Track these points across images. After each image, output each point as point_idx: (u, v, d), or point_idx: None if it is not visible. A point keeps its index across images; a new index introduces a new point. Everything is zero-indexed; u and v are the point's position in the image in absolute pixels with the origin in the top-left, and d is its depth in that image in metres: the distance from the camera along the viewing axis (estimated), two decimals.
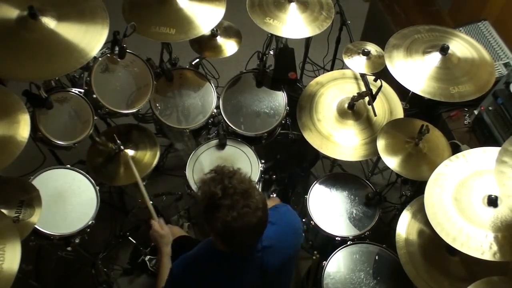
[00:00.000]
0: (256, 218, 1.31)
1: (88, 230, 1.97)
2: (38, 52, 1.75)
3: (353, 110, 2.21)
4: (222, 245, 1.40)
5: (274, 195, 2.34)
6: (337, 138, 2.17)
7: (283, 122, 2.35)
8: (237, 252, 1.43)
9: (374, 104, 2.09)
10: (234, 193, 1.28)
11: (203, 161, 2.25)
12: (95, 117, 2.03)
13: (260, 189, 2.27)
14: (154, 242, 1.81)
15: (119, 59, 2.05)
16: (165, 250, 1.75)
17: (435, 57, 1.98)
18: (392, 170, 1.96)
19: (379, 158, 2.13)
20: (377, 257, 2.00)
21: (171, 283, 1.51)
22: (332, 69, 2.84)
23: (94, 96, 1.99)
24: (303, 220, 2.22)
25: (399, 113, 2.24)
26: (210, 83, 2.36)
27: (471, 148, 1.83)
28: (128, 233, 2.50)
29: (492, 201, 1.59)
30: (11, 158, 1.59)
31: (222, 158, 2.26)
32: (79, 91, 2.03)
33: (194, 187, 2.17)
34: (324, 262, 1.97)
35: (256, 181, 2.17)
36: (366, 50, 2.14)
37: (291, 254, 1.57)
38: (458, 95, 1.89)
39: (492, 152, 1.70)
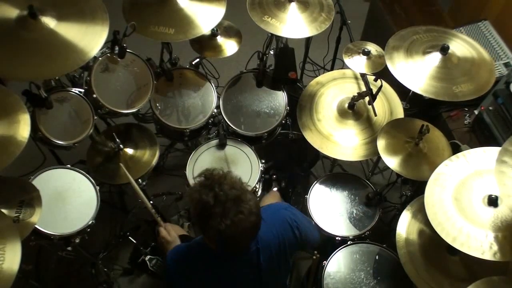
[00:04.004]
0: (250, 224, 1.30)
1: (88, 230, 1.97)
2: (38, 52, 1.75)
3: (353, 110, 2.21)
4: (215, 248, 1.39)
5: (275, 189, 2.33)
6: (337, 138, 2.17)
7: (283, 122, 2.34)
8: (230, 252, 1.42)
9: (374, 104, 2.09)
10: (226, 200, 1.26)
11: (203, 161, 2.25)
12: (95, 117, 2.03)
13: (260, 190, 2.27)
14: (162, 248, 1.78)
15: (119, 59, 2.04)
16: None
17: (435, 57, 1.98)
18: (392, 170, 1.96)
19: (379, 158, 2.13)
20: (377, 257, 2.00)
21: (166, 272, 1.52)
22: (332, 69, 2.85)
23: (94, 96, 1.99)
24: None
25: (399, 113, 2.24)
26: (210, 83, 2.36)
27: (471, 148, 1.83)
28: (128, 233, 2.50)
29: (492, 201, 1.58)
30: (11, 158, 1.59)
31: (222, 158, 2.26)
32: (79, 91, 2.02)
33: None
34: (324, 262, 1.97)
35: (256, 181, 2.17)
36: (366, 50, 2.14)
37: (284, 250, 1.57)
38: (461, 94, 1.89)
39: (492, 152, 1.70)
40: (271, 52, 2.43)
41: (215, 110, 2.31)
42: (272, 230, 1.51)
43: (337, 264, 1.98)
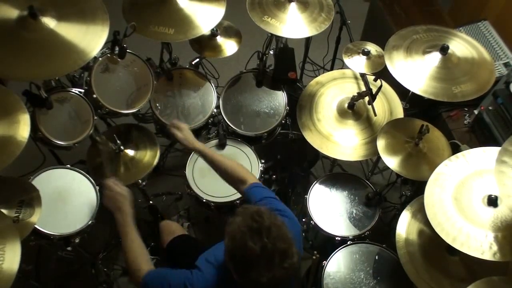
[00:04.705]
0: (289, 277, 1.24)
1: (88, 230, 1.97)
2: (38, 52, 1.75)
3: (353, 110, 2.21)
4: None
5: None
6: (337, 138, 2.17)
7: (283, 122, 2.34)
8: None
9: (374, 104, 2.09)
10: (273, 253, 1.19)
11: (203, 161, 2.24)
12: (95, 117, 2.03)
13: None
14: (109, 204, 1.60)
15: (119, 59, 2.04)
16: (127, 210, 1.58)
17: (435, 57, 1.98)
18: (392, 170, 1.96)
19: (379, 158, 2.13)
20: (377, 257, 2.00)
21: None
22: (332, 69, 2.85)
23: (94, 96, 1.99)
24: (303, 220, 2.22)
25: (399, 113, 2.24)
26: (210, 83, 2.36)
27: (471, 148, 1.83)
28: None
29: (492, 201, 1.59)
30: (11, 158, 1.59)
31: None
32: (79, 91, 2.02)
33: (194, 187, 2.17)
34: (324, 262, 1.97)
35: None
36: (366, 50, 2.14)
37: (300, 252, 1.55)
38: (460, 95, 1.89)
39: (492, 152, 1.70)
40: (271, 52, 2.43)
41: (215, 110, 2.31)
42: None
43: (337, 264, 1.98)
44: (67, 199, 1.97)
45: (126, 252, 1.51)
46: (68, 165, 2.08)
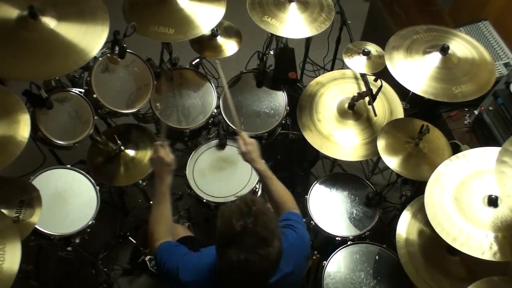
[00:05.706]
0: (261, 271, 1.24)
1: (88, 230, 1.97)
2: (38, 52, 1.75)
3: (353, 110, 2.21)
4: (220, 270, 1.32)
5: None
6: (337, 138, 2.17)
7: (283, 122, 2.34)
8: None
9: (374, 104, 2.09)
10: (252, 235, 1.20)
11: (203, 161, 2.25)
12: (95, 117, 2.03)
13: (260, 190, 2.27)
14: (153, 167, 1.64)
15: (119, 59, 2.05)
16: (167, 180, 1.60)
17: (435, 57, 1.98)
18: (392, 170, 1.96)
19: (379, 158, 2.13)
20: (377, 257, 2.00)
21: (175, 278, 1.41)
22: (332, 69, 2.84)
23: (94, 96, 1.99)
24: (303, 220, 2.22)
25: (399, 113, 2.24)
26: (210, 83, 2.36)
27: (471, 148, 1.83)
28: (128, 233, 2.50)
29: (492, 201, 1.59)
30: (11, 158, 1.59)
31: (222, 158, 2.26)
32: (79, 91, 2.03)
33: (194, 187, 2.17)
34: (324, 262, 1.97)
35: (256, 181, 2.17)
36: (366, 50, 2.14)
37: (300, 274, 1.53)
38: (461, 95, 1.89)
39: (492, 152, 1.70)
40: (271, 52, 2.43)
41: (215, 110, 2.31)
42: (294, 260, 1.41)
43: (337, 264, 1.98)
44: (67, 199, 1.98)
45: (151, 221, 1.55)
46: (68, 165, 2.08)
